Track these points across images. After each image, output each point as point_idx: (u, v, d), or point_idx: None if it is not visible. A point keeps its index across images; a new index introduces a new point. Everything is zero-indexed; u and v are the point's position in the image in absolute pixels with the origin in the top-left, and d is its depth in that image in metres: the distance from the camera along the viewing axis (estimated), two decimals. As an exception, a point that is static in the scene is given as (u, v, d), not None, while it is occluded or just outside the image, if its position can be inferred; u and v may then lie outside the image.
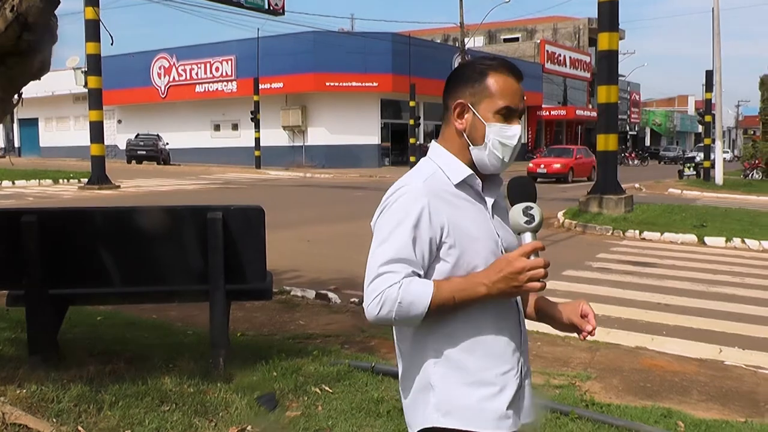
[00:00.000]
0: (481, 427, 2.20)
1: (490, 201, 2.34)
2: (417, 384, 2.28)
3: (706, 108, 38.22)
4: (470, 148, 2.29)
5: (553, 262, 7.39)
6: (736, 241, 14.89)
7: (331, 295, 8.94)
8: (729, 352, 7.27)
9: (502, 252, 2.28)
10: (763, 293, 10.26)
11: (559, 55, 65.49)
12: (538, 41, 66.03)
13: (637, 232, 15.62)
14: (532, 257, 2.15)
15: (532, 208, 2.20)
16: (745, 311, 9.07)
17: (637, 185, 32.19)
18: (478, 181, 2.31)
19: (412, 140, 43.39)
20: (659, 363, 6.57)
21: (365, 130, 46.14)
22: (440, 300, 2.12)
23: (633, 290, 10.07)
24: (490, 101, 2.25)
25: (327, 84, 45.11)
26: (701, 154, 43.99)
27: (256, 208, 5.58)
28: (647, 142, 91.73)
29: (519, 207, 2.20)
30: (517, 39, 71.23)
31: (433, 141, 2.43)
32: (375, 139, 46.97)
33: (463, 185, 2.28)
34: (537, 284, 2.15)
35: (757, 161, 45.69)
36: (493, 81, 2.26)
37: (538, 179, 32.76)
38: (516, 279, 2.12)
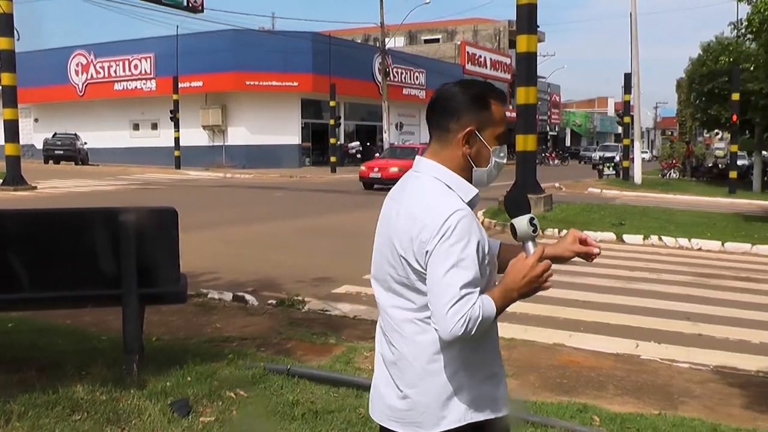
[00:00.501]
0: (499, 412, 2.48)
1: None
2: (439, 392, 2.42)
3: (625, 109, 38.95)
4: (474, 169, 2.49)
5: None
6: (654, 239, 15.24)
7: (248, 297, 8.82)
8: (645, 347, 7.42)
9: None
10: (678, 288, 10.54)
11: (480, 56, 66.07)
12: (459, 43, 66.47)
13: (557, 230, 15.81)
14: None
15: (534, 218, 2.44)
16: (661, 306, 9.29)
17: (557, 185, 32.67)
18: (479, 198, 2.51)
19: (332, 140, 43.07)
20: (576, 359, 6.67)
21: (286, 130, 45.76)
22: (498, 312, 2.36)
23: (552, 288, 10.13)
24: (493, 128, 2.47)
25: (247, 83, 44.57)
26: (599, 154, 45.41)
27: (168, 209, 5.45)
28: (568, 143, 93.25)
29: (524, 219, 2.43)
30: (437, 40, 71.63)
31: (426, 159, 2.54)
32: (295, 139, 46.61)
33: (470, 202, 2.45)
34: (549, 284, 2.44)
35: (674, 161, 46.96)
36: (494, 109, 2.48)
37: (374, 186, 28.21)
38: (537, 281, 2.39)
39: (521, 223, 2.43)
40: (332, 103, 42.22)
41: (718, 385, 6.33)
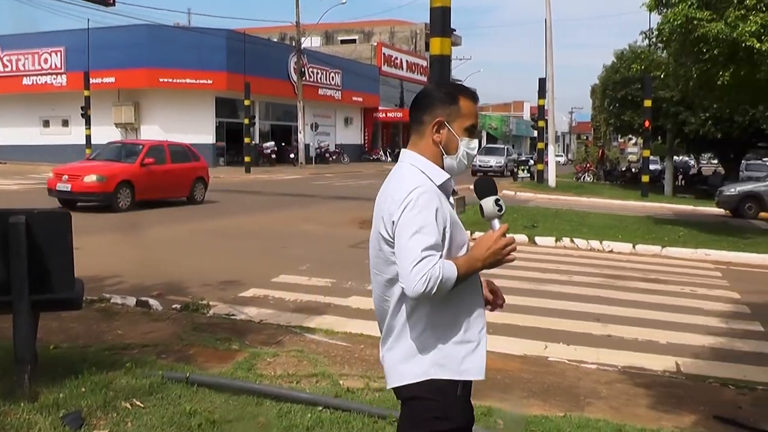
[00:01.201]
0: (469, 376, 2.87)
1: (451, 198, 2.96)
2: (412, 348, 2.84)
3: (540, 114, 39.38)
4: (444, 157, 2.91)
5: None
6: (566, 241, 15.49)
7: (152, 302, 8.63)
8: (554, 348, 7.54)
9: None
10: (589, 290, 10.71)
11: (396, 58, 66.26)
12: (375, 44, 66.54)
13: (469, 233, 15.82)
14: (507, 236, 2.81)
15: (500, 200, 2.87)
16: (571, 308, 9.46)
17: (472, 187, 32.73)
18: (453, 182, 2.93)
19: (247, 140, 42.36)
20: (482, 362, 6.70)
21: (200, 129, 44.76)
22: (460, 276, 2.69)
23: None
24: (461, 120, 2.88)
25: (161, 80, 43.54)
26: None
27: (62, 212, 5.28)
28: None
29: (491, 200, 2.88)
30: (354, 41, 71.56)
31: (407, 150, 2.99)
32: (210, 138, 45.63)
33: (444, 185, 2.87)
34: (512, 256, 2.83)
35: (588, 165, 47.85)
36: (463, 104, 2.90)
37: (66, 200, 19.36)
38: (500, 253, 2.79)
39: (488, 203, 2.89)
40: (247, 102, 41.50)
41: (624, 385, 6.46)
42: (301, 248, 13.60)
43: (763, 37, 15.11)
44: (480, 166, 43.74)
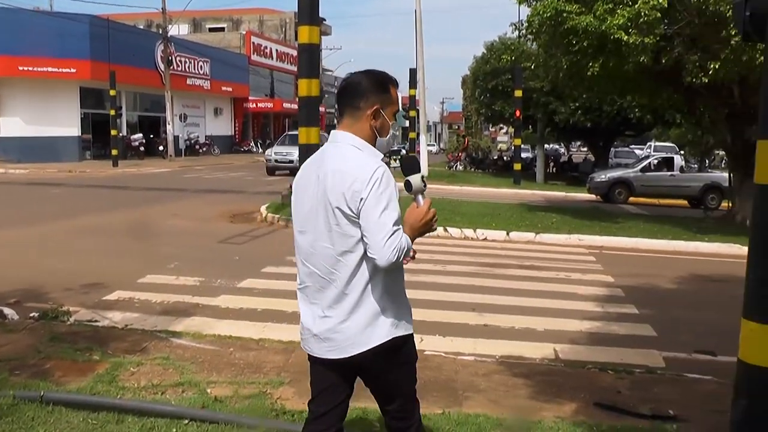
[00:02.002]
0: (410, 331, 3.32)
1: None
2: (374, 313, 3.16)
3: (411, 104, 39.55)
4: (377, 138, 3.25)
5: (253, 258, 7.27)
6: (439, 230, 15.36)
7: (7, 310, 7.90)
8: (430, 341, 7.33)
9: None
10: (463, 279, 10.60)
11: (266, 47, 65.32)
12: (244, 32, 65.46)
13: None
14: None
15: (424, 177, 3.23)
16: (445, 298, 9.29)
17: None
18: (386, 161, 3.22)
19: (113, 132, 40.48)
20: (357, 361, 6.40)
21: (64, 121, 42.63)
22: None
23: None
24: (391, 106, 3.24)
25: (20, 68, 40.82)
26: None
27: None
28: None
29: (418, 176, 3.20)
30: (222, 29, 70.24)
31: (342, 132, 3.26)
32: (74, 130, 43.46)
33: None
34: (436, 226, 3.25)
35: (460, 153, 48.32)
36: (392, 92, 3.27)
37: None
38: (430, 223, 3.19)
39: (416, 179, 3.20)
40: (113, 92, 39.46)
41: (503, 376, 6.30)
42: (170, 245, 12.98)
43: (630, 30, 15.47)
44: (276, 160, 34.15)
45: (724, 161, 58.64)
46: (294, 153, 29.59)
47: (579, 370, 6.64)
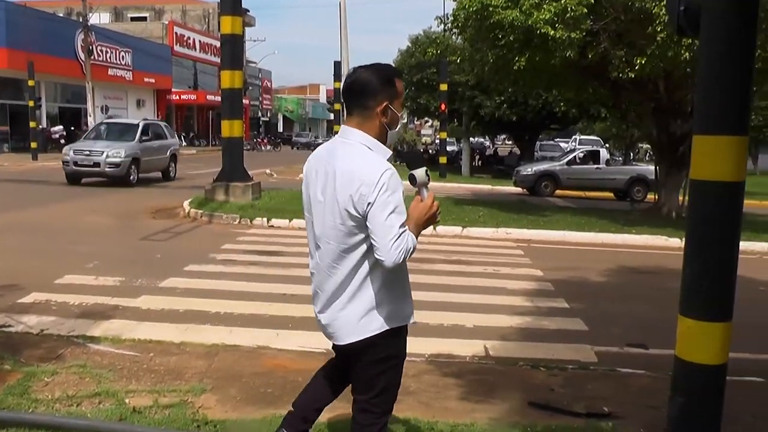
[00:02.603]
0: (408, 320, 3.47)
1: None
2: (370, 304, 3.31)
3: (335, 97, 39.28)
4: (388, 132, 3.33)
5: (175, 256, 7.02)
6: None
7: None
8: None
9: None
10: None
11: (189, 38, 64.21)
12: (167, 22, 64.23)
13: (265, 219, 15.34)
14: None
15: (428, 170, 3.31)
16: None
17: (268, 171, 32.22)
18: (390, 155, 3.31)
19: (32, 124, 39.12)
20: (282, 362, 6.15)
21: (-21, 113, 41.40)
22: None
23: (258, 282, 9.61)
24: (399, 99, 3.31)
25: (-65, 57, 39.62)
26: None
27: None
28: (280, 128, 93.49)
29: (423, 170, 3.28)
30: (145, 18, 68.78)
31: (352, 129, 3.34)
32: (-9, 122, 42.31)
33: (389, 161, 3.23)
34: (439, 218, 3.42)
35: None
36: (398, 85, 3.31)
37: None
38: (434, 217, 3.32)
39: (420, 173, 3.30)
40: (31, 83, 38.08)
41: (433, 376, 6.09)
42: (89, 244, 12.39)
43: (557, 25, 15.50)
44: (77, 163, 23.35)
45: (648, 154, 59.92)
46: (107, 151, 22.93)
47: (511, 367, 6.49)
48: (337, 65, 36.55)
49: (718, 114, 3.67)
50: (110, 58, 51.21)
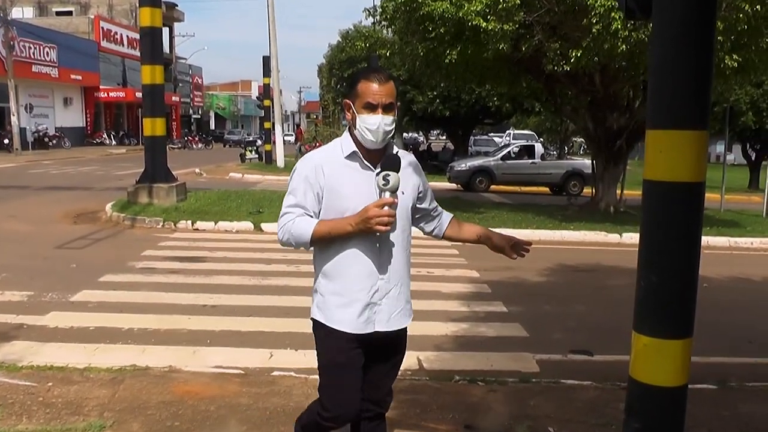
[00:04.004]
0: (335, 324, 3.37)
1: (377, 169, 3.28)
2: (314, 288, 3.48)
3: (266, 93, 38.68)
4: (354, 131, 3.33)
5: (92, 266, 7.77)
6: None
7: None
8: (280, 356, 6.58)
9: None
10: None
11: (116, 33, 62.44)
12: (93, 17, 62.41)
13: (190, 222, 14.65)
14: (386, 208, 3.14)
15: (389, 175, 3.20)
16: (297, 303, 8.40)
17: (197, 170, 31.44)
18: (359, 155, 3.32)
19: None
20: (194, 389, 5.49)
21: None
22: (319, 233, 3.25)
23: (177, 292, 8.98)
24: (360, 100, 3.30)
25: None
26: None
27: None
28: (212, 126, 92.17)
29: (380, 175, 3.22)
30: (70, 13, 66.71)
31: None
32: None
33: (352, 156, 3.32)
34: (382, 228, 3.15)
35: (317, 143, 47.66)
36: (360, 86, 3.31)
37: None
38: (368, 222, 3.14)
39: (378, 177, 3.22)
40: None
41: (359, 396, 5.54)
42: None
43: (489, 17, 15.03)
44: None
45: (582, 148, 60.40)
46: None
47: (446, 383, 5.97)
48: (266, 60, 35.90)
49: (675, 105, 3.22)
50: (34, 54, 49.32)
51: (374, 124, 3.23)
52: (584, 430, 5.08)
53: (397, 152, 3.36)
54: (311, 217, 3.29)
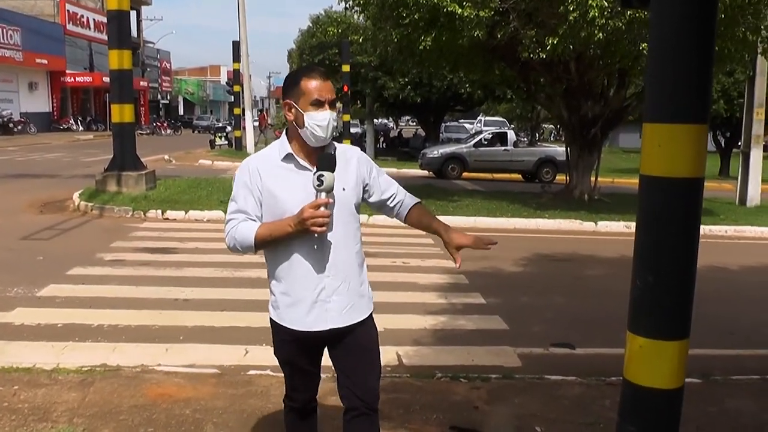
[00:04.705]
0: (287, 323, 3.42)
1: (312, 170, 3.28)
2: (269, 288, 3.50)
3: (235, 78, 38.31)
4: (299, 130, 3.33)
5: (59, 258, 7.75)
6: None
7: None
8: (256, 353, 6.37)
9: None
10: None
11: (82, 16, 61.51)
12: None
13: (160, 211, 14.35)
14: (322, 209, 3.16)
15: (323, 175, 3.20)
16: (267, 297, 8.23)
17: (167, 157, 31.05)
18: (294, 157, 3.36)
19: None
20: (167, 390, 5.27)
21: None
22: (261, 237, 3.27)
23: (148, 286, 8.73)
24: (305, 98, 3.29)
25: None
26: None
27: None
28: (181, 111, 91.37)
29: (315, 175, 3.21)
30: (34, -5, 65.77)
31: None
32: None
33: (288, 159, 3.36)
34: (318, 228, 3.17)
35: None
36: (304, 84, 3.30)
37: None
38: (304, 223, 3.16)
39: (313, 177, 3.21)
40: None
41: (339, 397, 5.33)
42: (-38, 246, 11.22)
43: (464, 3, 14.86)
44: None
45: (552, 135, 60.56)
46: None
47: (428, 381, 5.81)
48: (236, 45, 35.54)
49: (675, 98, 3.08)
50: (-3, 37, 48.54)
51: (324, 120, 3.27)
52: (571, 429, 4.96)
53: (335, 150, 3.40)
54: (254, 221, 3.33)
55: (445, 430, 4.85)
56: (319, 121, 3.26)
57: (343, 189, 3.36)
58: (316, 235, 3.22)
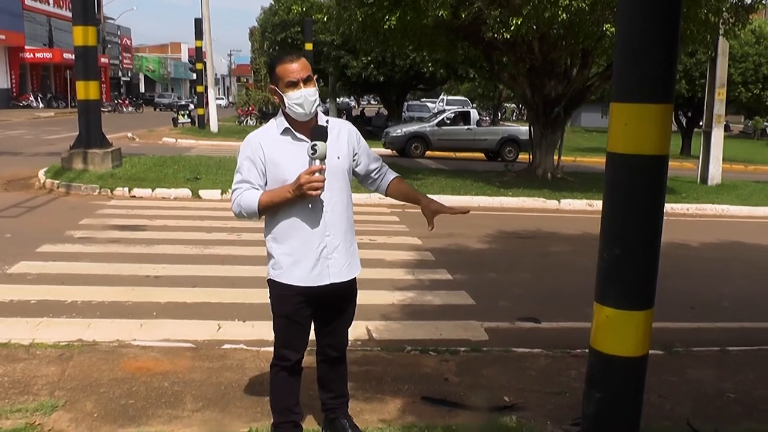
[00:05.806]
0: (290, 281, 3.80)
1: (308, 141, 3.68)
2: (267, 253, 3.89)
3: (198, 56, 38.02)
4: (285, 110, 3.75)
5: (28, 235, 7.83)
6: (215, 194, 14.35)
7: None
8: (229, 328, 6.49)
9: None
10: (261, 250, 9.61)
11: (42, -8, 60.71)
12: (16, -26, 60.36)
13: (127, 189, 14.32)
14: (317, 174, 3.57)
15: (316, 145, 3.61)
16: (242, 273, 8.34)
17: (130, 134, 30.77)
18: (291, 131, 3.76)
19: None
20: (145, 364, 5.35)
21: None
22: (263, 203, 3.68)
23: (119, 263, 8.74)
24: (282, 81, 3.70)
25: None
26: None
27: None
28: (142, 89, 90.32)
29: (308, 145, 3.64)
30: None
31: None
32: None
33: (285, 132, 3.77)
34: (314, 192, 3.59)
35: (250, 108, 47.06)
36: (278, 69, 3.73)
37: None
38: (301, 188, 3.56)
39: (307, 147, 3.63)
40: None
41: (311, 370, 5.28)
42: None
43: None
44: None
45: (514, 114, 60.85)
46: None
47: (398, 354, 5.94)
48: (198, 22, 35.25)
49: (642, 78, 3.20)
50: (-48, 13, 47.66)
51: (300, 98, 3.67)
52: (539, 398, 5.10)
53: (327, 122, 3.83)
54: (257, 190, 3.72)
55: (417, 401, 4.98)
56: (295, 99, 3.68)
57: (338, 157, 3.79)
58: (313, 198, 3.63)
